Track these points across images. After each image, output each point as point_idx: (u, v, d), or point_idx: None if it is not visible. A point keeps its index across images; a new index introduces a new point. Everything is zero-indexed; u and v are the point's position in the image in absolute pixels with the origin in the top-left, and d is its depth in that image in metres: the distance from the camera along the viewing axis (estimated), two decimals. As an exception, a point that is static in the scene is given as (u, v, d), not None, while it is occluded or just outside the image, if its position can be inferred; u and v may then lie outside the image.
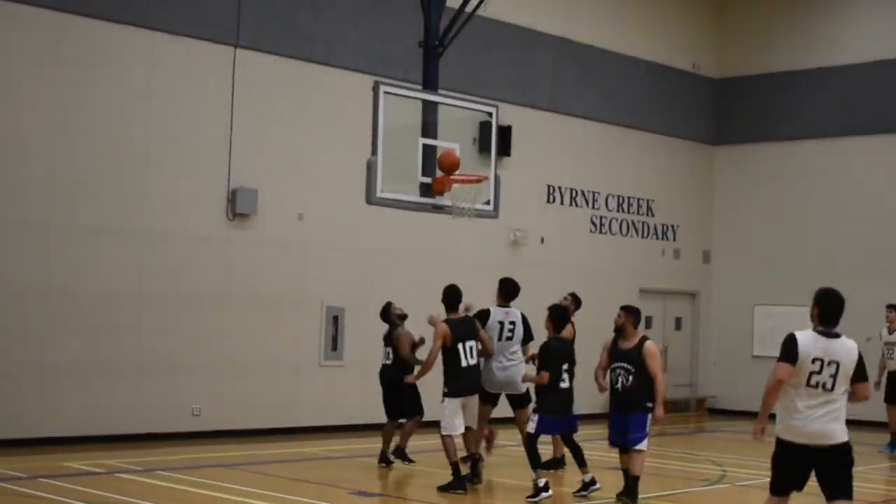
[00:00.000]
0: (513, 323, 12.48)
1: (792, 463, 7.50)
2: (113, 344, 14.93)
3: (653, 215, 22.75)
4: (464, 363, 11.80)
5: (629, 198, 22.26)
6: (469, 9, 14.28)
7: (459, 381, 11.82)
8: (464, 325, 11.99)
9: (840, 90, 22.44)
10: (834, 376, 7.37)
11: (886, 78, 21.83)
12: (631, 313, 11.01)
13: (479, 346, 12.13)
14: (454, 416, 11.76)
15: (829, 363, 7.37)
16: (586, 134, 21.38)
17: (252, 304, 16.33)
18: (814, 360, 7.36)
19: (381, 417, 13.73)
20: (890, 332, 17.16)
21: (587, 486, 11.53)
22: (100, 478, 12.00)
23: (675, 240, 23.23)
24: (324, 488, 12.05)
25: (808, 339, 7.45)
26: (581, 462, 11.62)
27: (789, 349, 7.42)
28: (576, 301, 13.86)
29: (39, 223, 14.41)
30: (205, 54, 15.99)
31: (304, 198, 16.99)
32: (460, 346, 11.80)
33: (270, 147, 16.64)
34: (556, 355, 11.39)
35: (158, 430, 15.26)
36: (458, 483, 11.63)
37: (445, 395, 11.87)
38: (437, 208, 12.64)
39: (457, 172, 12.00)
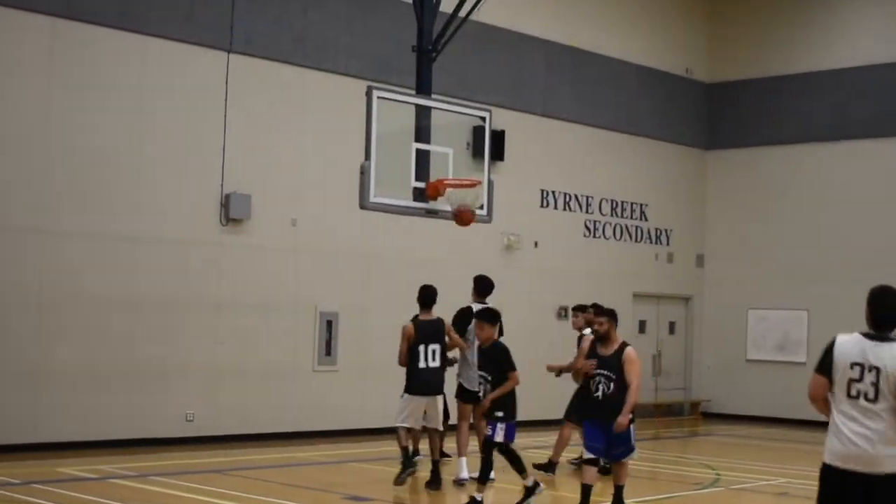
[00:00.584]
0: None
1: (837, 492, 6.21)
2: (106, 349, 14.91)
3: (646, 219, 22.78)
4: (421, 364, 11.98)
5: (622, 202, 22.28)
6: (462, 13, 14.28)
7: (415, 381, 12.03)
8: (430, 327, 12.14)
9: (832, 94, 22.50)
10: (875, 384, 6.10)
11: (877, 82, 21.89)
12: (612, 318, 10.39)
13: (452, 349, 12.29)
14: (404, 411, 12.01)
15: (871, 369, 6.13)
16: (579, 138, 21.40)
17: (245, 309, 16.31)
18: (853, 366, 6.17)
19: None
20: None
21: (531, 490, 11.20)
22: (93, 483, 11.99)
23: (668, 244, 23.26)
24: (318, 493, 12.06)
25: (848, 342, 6.27)
26: (521, 468, 11.27)
27: (822, 357, 6.33)
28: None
29: (31, 228, 14.38)
30: (198, 59, 15.99)
31: (297, 203, 16.98)
32: (421, 347, 11.98)
33: (264, 152, 16.64)
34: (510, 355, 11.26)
35: (152, 435, 15.25)
36: (408, 462, 11.80)
37: (404, 391, 12.13)
38: (431, 213, 12.62)
39: (450, 177, 11.98)
